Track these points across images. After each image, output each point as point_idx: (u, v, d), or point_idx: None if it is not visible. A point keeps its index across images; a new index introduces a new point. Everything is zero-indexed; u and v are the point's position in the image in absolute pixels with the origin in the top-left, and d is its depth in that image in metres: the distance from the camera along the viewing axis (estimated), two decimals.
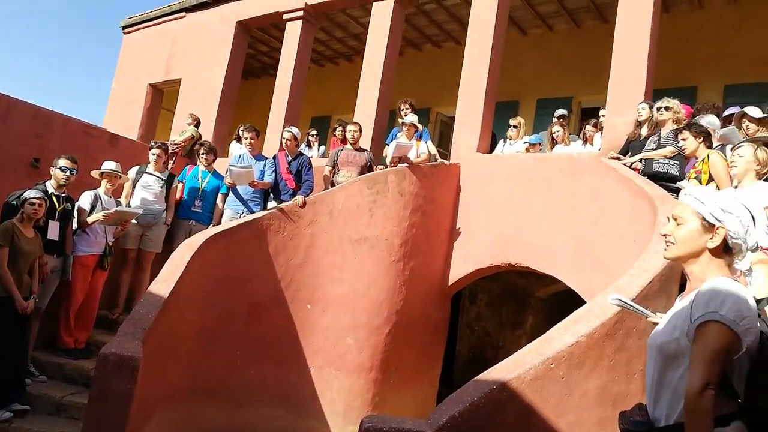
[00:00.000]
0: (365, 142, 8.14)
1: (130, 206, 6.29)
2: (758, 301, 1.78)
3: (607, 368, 3.16)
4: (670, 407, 1.75)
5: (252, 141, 6.82)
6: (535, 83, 10.35)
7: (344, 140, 7.56)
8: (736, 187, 3.63)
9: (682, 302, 1.85)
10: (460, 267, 7.22)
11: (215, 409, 5.45)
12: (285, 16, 10.11)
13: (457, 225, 7.39)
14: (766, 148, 3.60)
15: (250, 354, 5.74)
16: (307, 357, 6.02)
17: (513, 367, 3.04)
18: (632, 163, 5.65)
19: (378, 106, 8.71)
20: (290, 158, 6.62)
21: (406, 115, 7.35)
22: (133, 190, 6.46)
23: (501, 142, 8.08)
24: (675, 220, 1.85)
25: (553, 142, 7.52)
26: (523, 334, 9.11)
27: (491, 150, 8.00)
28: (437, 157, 7.68)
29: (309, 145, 9.85)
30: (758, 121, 5.20)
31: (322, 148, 10.26)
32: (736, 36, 8.60)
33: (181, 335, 5.05)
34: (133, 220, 6.16)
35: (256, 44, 12.64)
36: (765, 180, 3.71)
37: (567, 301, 5.90)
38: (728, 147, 4.54)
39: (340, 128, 8.62)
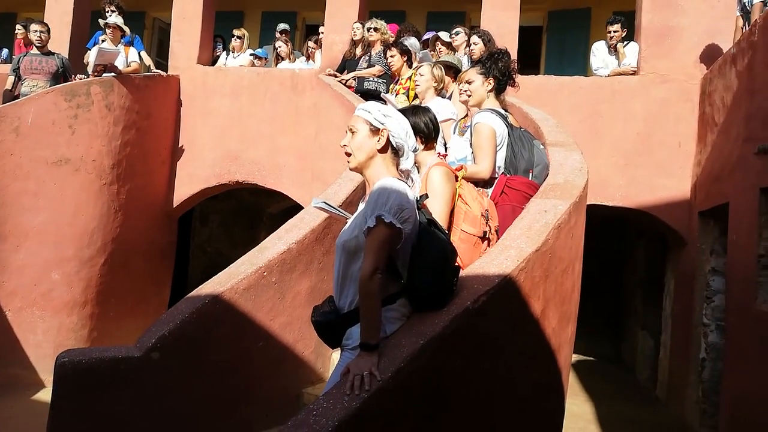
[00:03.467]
0: (61, 47, 6.91)
1: None
2: (420, 197, 2.06)
3: (317, 270, 3.40)
4: (353, 296, 1.96)
5: None
6: None
7: (30, 44, 6.28)
8: (420, 103, 4.09)
9: (362, 204, 2.04)
10: (185, 187, 6.89)
11: None
12: None
13: (180, 143, 6.95)
14: (440, 66, 4.10)
15: None
16: (0, 300, 5.15)
17: (226, 279, 3.05)
18: (347, 81, 5.95)
19: (75, 3, 7.39)
20: None
21: (110, 17, 6.40)
22: None
23: (224, 54, 7.69)
24: (350, 130, 2.01)
25: (278, 58, 7.48)
26: None
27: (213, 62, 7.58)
28: (152, 67, 6.97)
29: None
30: (448, 45, 5.95)
31: (5, 51, 8.39)
32: None
33: None
34: None
35: None
36: (447, 97, 4.29)
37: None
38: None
39: (21, 28, 7.13)
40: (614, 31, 6.10)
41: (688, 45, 5.83)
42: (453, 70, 4.45)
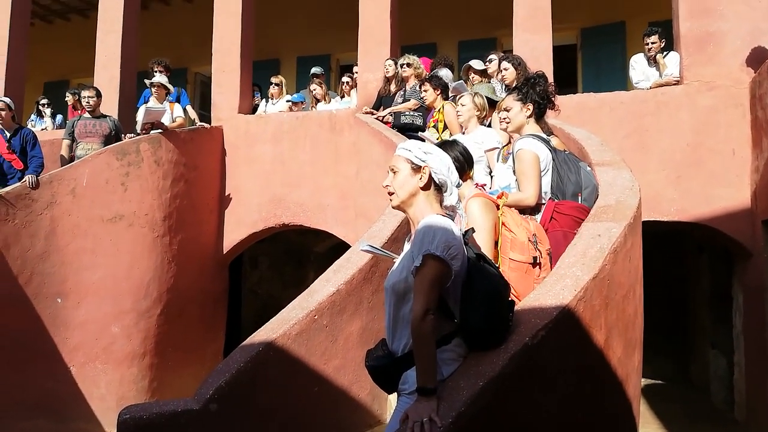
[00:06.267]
0: (111, 108, 7.28)
1: None
2: (466, 232, 2.01)
3: (366, 310, 3.36)
4: (406, 339, 1.91)
5: None
6: (294, 41, 10.30)
7: (81, 108, 6.64)
8: (463, 133, 4.06)
9: (408, 244, 2.01)
10: (234, 233, 7.04)
11: None
12: None
13: (226, 191, 7.14)
14: (481, 95, 4.07)
15: None
16: (64, 356, 5.33)
17: (278, 325, 3.05)
18: (384, 117, 6.00)
19: (123, 67, 7.80)
20: (8, 134, 5.56)
21: (155, 77, 6.72)
22: None
23: (263, 101, 7.93)
24: (392, 170, 2.00)
25: (315, 101, 7.64)
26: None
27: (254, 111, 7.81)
28: (196, 120, 7.24)
29: (40, 115, 8.46)
30: (481, 73, 5.94)
31: (59, 117, 8.90)
32: None
33: None
34: None
35: None
36: (487, 125, 4.25)
37: (343, 253, 6.17)
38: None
39: (71, 94, 7.55)
40: (652, 43, 5.96)
41: (731, 49, 5.63)
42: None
